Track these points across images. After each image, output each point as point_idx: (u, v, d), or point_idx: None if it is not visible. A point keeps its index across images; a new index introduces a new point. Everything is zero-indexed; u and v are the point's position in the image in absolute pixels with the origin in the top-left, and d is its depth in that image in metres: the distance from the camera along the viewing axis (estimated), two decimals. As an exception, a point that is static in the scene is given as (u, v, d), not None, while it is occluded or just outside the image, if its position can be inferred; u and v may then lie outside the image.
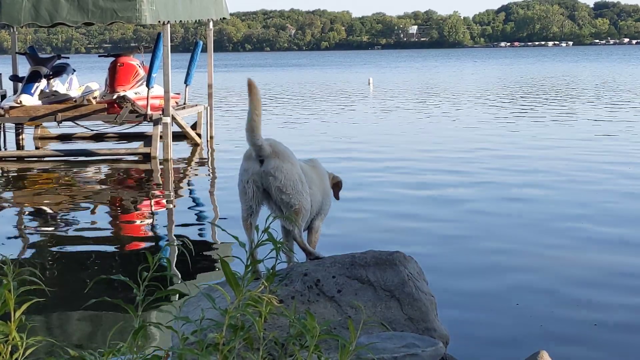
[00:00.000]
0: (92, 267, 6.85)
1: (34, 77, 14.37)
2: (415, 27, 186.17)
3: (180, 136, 15.07)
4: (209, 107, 15.95)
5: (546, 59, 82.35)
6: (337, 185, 4.64)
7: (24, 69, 15.32)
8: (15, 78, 15.56)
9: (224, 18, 16.06)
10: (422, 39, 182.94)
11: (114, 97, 13.66)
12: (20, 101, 13.90)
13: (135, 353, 2.63)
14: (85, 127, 15.42)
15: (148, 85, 13.53)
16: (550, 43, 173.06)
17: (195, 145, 15.12)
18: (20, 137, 15.81)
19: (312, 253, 4.26)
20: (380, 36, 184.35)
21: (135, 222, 9.11)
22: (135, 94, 13.94)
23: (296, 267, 4.11)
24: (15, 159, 13.75)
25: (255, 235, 2.90)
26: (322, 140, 15.71)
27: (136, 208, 9.79)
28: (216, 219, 8.86)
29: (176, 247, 7.24)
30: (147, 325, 2.70)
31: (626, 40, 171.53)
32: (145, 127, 15.04)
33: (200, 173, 12.74)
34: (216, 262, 6.82)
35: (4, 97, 15.45)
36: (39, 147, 15.51)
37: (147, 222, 9.05)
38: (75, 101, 14.10)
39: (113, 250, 7.64)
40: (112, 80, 14.13)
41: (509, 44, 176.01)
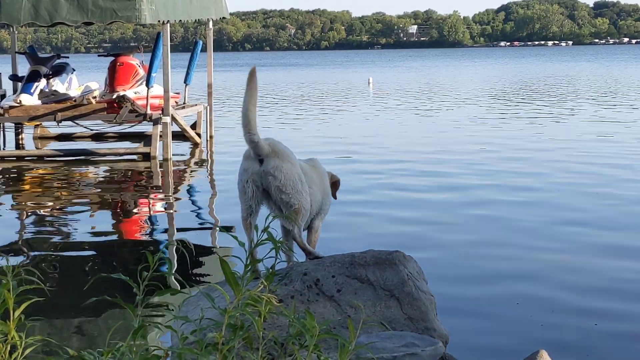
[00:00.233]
0: (92, 267, 6.85)
1: (34, 76, 14.36)
2: (415, 26, 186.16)
3: (180, 136, 15.07)
4: (208, 107, 15.94)
5: (546, 59, 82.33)
6: (334, 185, 4.63)
7: (24, 69, 15.31)
8: (14, 77, 15.55)
9: (223, 17, 16.05)
10: (422, 39, 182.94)
11: (114, 96, 13.65)
12: (20, 101, 13.89)
13: (135, 352, 2.63)
14: (85, 127, 15.43)
15: (148, 85, 13.53)
16: (550, 43, 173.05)
17: (194, 144, 15.11)
18: (20, 136, 15.80)
19: (312, 252, 4.26)
20: (380, 36, 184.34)
21: (134, 221, 9.10)
22: (135, 93, 13.93)
23: (296, 267, 4.11)
24: (14, 159, 13.75)
25: (255, 235, 2.90)
26: (321, 140, 15.70)
27: (136, 207, 9.79)
28: (216, 219, 8.86)
29: (176, 246, 7.24)
30: (147, 325, 2.70)
31: (626, 39, 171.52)
32: (145, 127, 15.04)
33: (199, 172, 12.73)
34: (215, 262, 6.82)
35: (4, 96, 15.44)
36: (38, 147, 15.50)
37: (146, 222, 9.05)
38: (75, 101, 14.10)
39: (112, 250, 7.64)
40: (112, 80, 14.13)
41: (508, 43, 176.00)
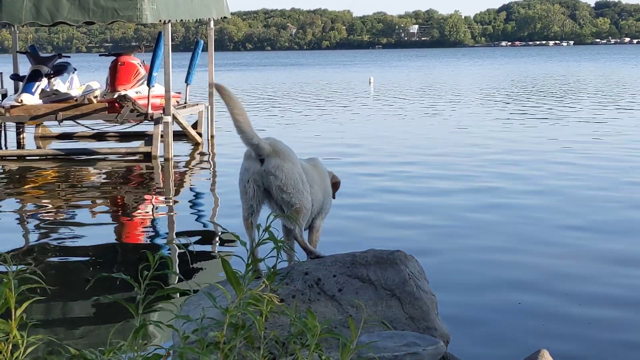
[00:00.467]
0: (93, 266, 6.85)
1: (35, 76, 14.36)
2: (416, 26, 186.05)
3: (181, 135, 15.07)
4: (209, 106, 15.95)
5: (547, 59, 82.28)
6: (335, 186, 4.63)
7: (25, 68, 15.32)
8: (16, 77, 15.56)
9: (225, 17, 16.04)
10: (423, 39, 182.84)
11: (115, 96, 13.65)
12: (21, 100, 13.90)
13: (136, 351, 2.63)
14: (86, 126, 15.43)
15: (149, 85, 13.53)
16: (551, 42, 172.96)
17: (196, 144, 15.11)
18: (21, 136, 15.80)
19: (313, 252, 4.26)
20: (381, 35, 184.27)
21: (136, 221, 9.10)
22: (136, 93, 13.93)
23: (297, 266, 4.11)
24: (16, 158, 13.76)
25: (256, 234, 2.90)
26: (321, 139, 15.70)
27: (137, 207, 9.79)
28: (217, 218, 8.86)
29: (177, 246, 7.24)
30: (148, 324, 2.70)
31: (627, 39, 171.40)
32: (146, 126, 15.04)
33: (201, 172, 12.73)
34: (217, 261, 6.83)
35: (5, 96, 15.46)
36: (39, 146, 15.51)
37: (147, 221, 9.05)
38: (76, 100, 14.10)
39: (114, 249, 7.64)
40: (113, 80, 14.13)
41: (510, 43, 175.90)
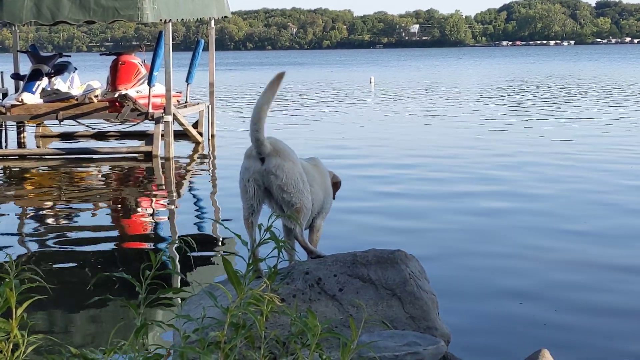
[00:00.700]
0: (94, 265, 6.85)
1: (36, 75, 14.37)
2: (417, 26, 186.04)
3: (182, 135, 15.07)
4: (210, 106, 15.95)
5: (548, 58, 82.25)
6: (335, 186, 4.63)
7: (26, 67, 15.32)
8: (16, 76, 15.56)
9: (225, 17, 16.05)
10: (423, 38, 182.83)
11: (116, 95, 13.65)
12: (22, 99, 13.90)
13: (137, 351, 2.63)
14: (87, 126, 15.43)
15: (149, 84, 13.53)
16: (552, 42, 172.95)
17: (196, 143, 15.12)
18: (22, 135, 15.80)
19: (314, 252, 4.26)
20: (382, 35, 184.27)
21: (136, 220, 9.11)
22: (137, 92, 13.93)
23: (297, 266, 4.11)
24: (16, 158, 13.76)
25: (257, 234, 2.90)
26: (322, 139, 15.69)
27: (137, 207, 9.79)
28: (218, 218, 8.86)
29: (178, 245, 7.24)
30: (149, 324, 2.70)
31: (628, 39, 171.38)
32: (147, 126, 15.05)
33: (201, 171, 12.73)
34: (218, 261, 6.83)
35: (6, 95, 15.46)
36: (40, 146, 15.51)
37: (148, 221, 9.05)
38: (77, 99, 14.10)
39: (115, 249, 7.64)
40: (114, 79, 14.13)
41: (510, 43, 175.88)
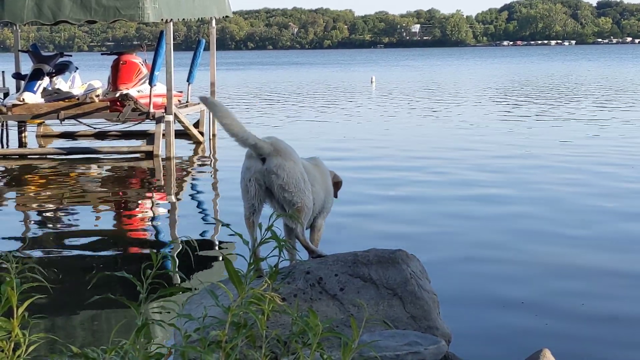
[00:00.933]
0: (95, 265, 6.85)
1: (37, 75, 14.37)
2: (418, 25, 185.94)
3: (183, 134, 15.07)
4: (211, 106, 15.92)
5: (549, 58, 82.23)
6: (336, 185, 4.64)
7: (27, 67, 15.32)
8: (18, 76, 15.56)
9: (226, 16, 16.04)
10: (424, 38, 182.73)
11: (117, 95, 13.65)
12: (23, 99, 13.90)
13: (138, 350, 2.64)
14: (88, 125, 15.43)
15: (151, 84, 13.53)
16: (553, 42, 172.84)
17: (197, 143, 15.12)
18: (23, 135, 15.80)
19: (315, 251, 4.26)
20: (383, 35, 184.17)
21: (137, 220, 9.11)
22: (138, 92, 13.93)
23: (299, 265, 4.12)
24: (17, 157, 13.77)
25: (258, 233, 2.91)
26: (323, 139, 15.70)
27: (138, 206, 9.80)
28: (219, 217, 8.86)
29: (179, 244, 7.24)
30: (150, 323, 2.70)
31: (629, 39, 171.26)
32: (148, 125, 15.04)
33: (202, 171, 12.74)
34: (219, 260, 6.83)
35: (7, 94, 15.46)
36: (41, 145, 15.52)
37: (149, 220, 9.05)
38: (78, 99, 14.10)
39: (116, 248, 7.64)
40: (115, 79, 14.13)
41: (511, 42, 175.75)
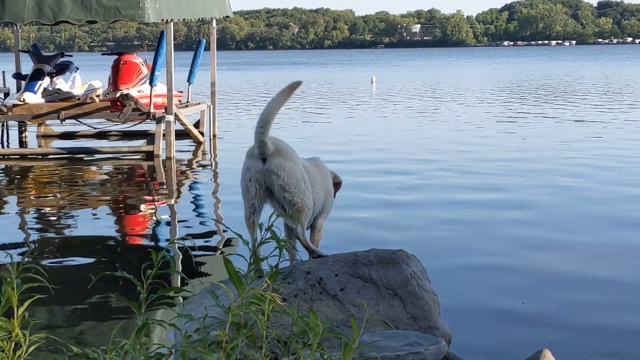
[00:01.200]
0: (95, 265, 6.85)
1: (37, 75, 14.37)
2: (419, 26, 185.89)
3: (183, 134, 15.07)
4: (212, 106, 15.95)
5: (549, 58, 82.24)
6: (336, 186, 4.64)
7: (27, 67, 15.32)
8: (18, 76, 15.57)
9: (227, 16, 16.05)
10: (425, 38, 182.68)
11: (117, 95, 13.65)
12: (24, 99, 13.91)
13: (139, 350, 2.64)
14: (88, 125, 15.43)
15: (151, 84, 13.54)
16: (554, 42, 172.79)
17: (198, 143, 15.12)
18: (23, 135, 15.81)
19: (315, 251, 4.26)
20: (383, 35, 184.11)
21: (138, 220, 9.11)
22: (138, 92, 13.93)
23: (299, 266, 4.11)
24: (18, 157, 13.77)
25: (259, 233, 2.91)
26: (324, 139, 15.70)
27: (139, 206, 9.80)
28: (219, 218, 8.86)
29: (179, 245, 7.24)
30: (151, 323, 2.71)
31: (629, 39, 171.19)
32: (148, 125, 15.05)
33: (203, 171, 12.74)
34: (219, 260, 6.83)
35: (7, 95, 15.47)
36: (42, 145, 15.52)
37: (150, 220, 9.05)
38: (79, 99, 14.11)
39: (116, 248, 7.64)
40: (115, 79, 14.13)
41: (512, 43, 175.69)
